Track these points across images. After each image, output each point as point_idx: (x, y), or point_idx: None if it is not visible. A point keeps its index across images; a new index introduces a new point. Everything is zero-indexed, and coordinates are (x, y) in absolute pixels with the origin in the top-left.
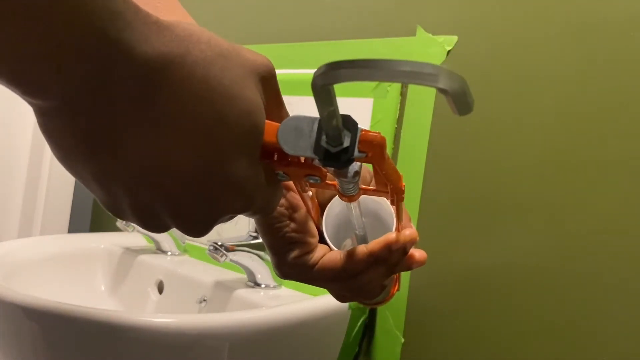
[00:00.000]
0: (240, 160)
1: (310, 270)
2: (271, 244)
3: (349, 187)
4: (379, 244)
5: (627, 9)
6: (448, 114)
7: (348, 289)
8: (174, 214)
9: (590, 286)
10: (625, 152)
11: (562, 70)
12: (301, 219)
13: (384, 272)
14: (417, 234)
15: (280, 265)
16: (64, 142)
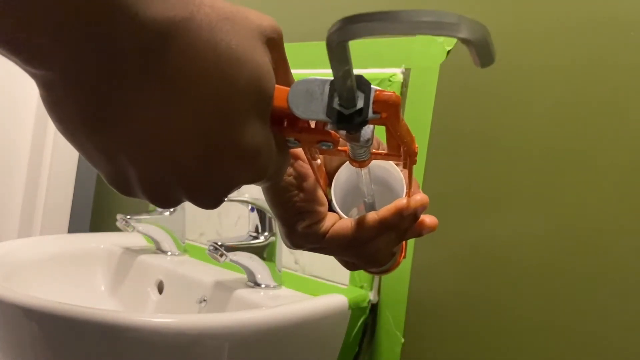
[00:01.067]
0: (251, 126)
1: (321, 239)
2: (280, 214)
3: (360, 152)
4: (390, 210)
5: (627, 9)
6: (448, 113)
7: (358, 256)
8: (186, 186)
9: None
10: (624, 148)
11: (562, 70)
12: (310, 188)
13: (395, 239)
14: (427, 199)
15: (290, 236)
16: (67, 115)
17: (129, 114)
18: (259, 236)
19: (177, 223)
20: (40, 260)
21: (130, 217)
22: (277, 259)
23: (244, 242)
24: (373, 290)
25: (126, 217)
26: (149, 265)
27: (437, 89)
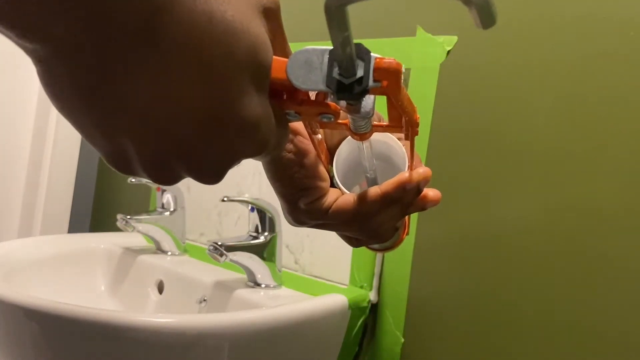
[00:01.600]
0: (249, 99)
1: (324, 215)
2: (282, 191)
3: (361, 124)
4: (392, 184)
5: (626, 9)
6: (448, 113)
7: (362, 231)
8: (186, 162)
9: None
10: (624, 139)
11: (561, 69)
12: (311, 163)
13: (398, 213)
14: (430, 172)
15: (292, 212)
16: (64, 92)
17: (125, 89)
18: (259, 236)
19: (177, 223)
20: (40, 260)
21: (130, 217)
22: (277, 259)
23: (244, 242)
24: (373, 290)
25: (126, 217)
26: (149, 265)
27: (437, 89)
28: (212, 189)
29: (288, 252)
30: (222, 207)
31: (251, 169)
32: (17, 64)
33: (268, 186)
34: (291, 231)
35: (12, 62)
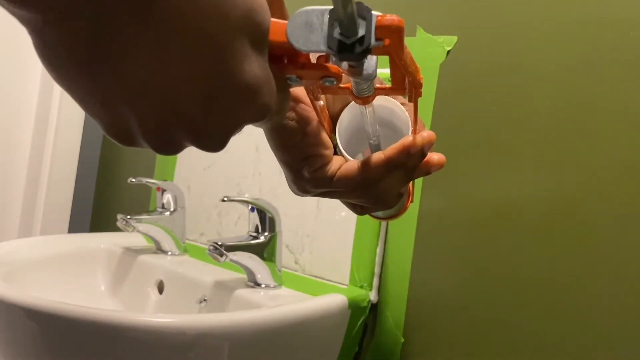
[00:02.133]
0: (249, 63)
1: (329, 183)
2: (286, 160)
3: (364, 87)
4: (396, 148)
5: (626, 9)
6: (448, 113)
7: (367, 197)
8: (189, 130)
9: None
10: (624, 146)
11: (561, 69)
12: (314, 131)
13: (403, 178)
14: (434, 135)
15: (297, 182)
16: (61, 63)
17: (122, 59)
18: (259, 236)
19: (177, 223)
20: (40, 260)
21: (130, 217)
22: (277, 258)
23: (244, 242)
24: (373, 290)
25: (126, 217)
26: (149, 265)
27: (437, 89)
28: (212, 189)
29: (288, 252)
30: (222, 207)
31: (251, 169)
32: (17, 64)
33: (268, 186)
34: (291, 231)
35: (13, 63)
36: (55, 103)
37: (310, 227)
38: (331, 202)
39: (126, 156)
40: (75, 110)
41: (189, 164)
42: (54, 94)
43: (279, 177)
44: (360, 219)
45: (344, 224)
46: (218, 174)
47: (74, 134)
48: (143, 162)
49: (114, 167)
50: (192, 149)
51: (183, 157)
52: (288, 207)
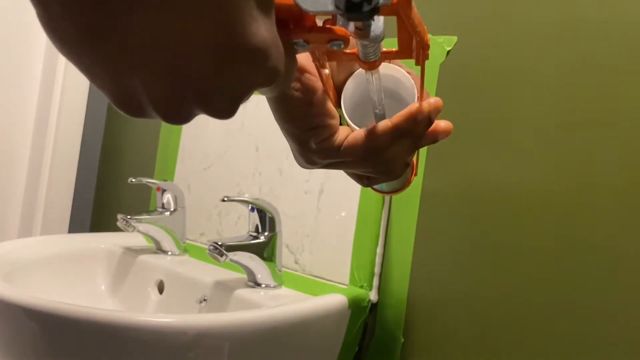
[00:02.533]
0: (255, 24)
1: (336, 153)
2: (292, 131)
3: (370, 51)
4: (403, 115)
5: (626, 9)
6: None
7: (374, 166)
8: (199, 97)
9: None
10: (624, 144)
11: (561, 69)
12: (319, 101)
13: (410, 146)
14: (441, 102)
15: (304, 153)
16: (66, 33)
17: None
18: (259, 236)
19: (177, 223)
20: (40, 260)
21: (130, 217)
22: (277, 258)
23: (244, 242)
24: (373, 290)
25: (126, 217)
26: (149, 265)
27: (437, 89)
28: (212, 189)
29: (288, 252)
30: (222, 207)
31: (251, 169)
32: (17, 64)
33: (268, 186)
34: (291, 231)
35: (13, 62)
36: (56, 103)
37: (310, 227)
38: (331, 202)
39: (126, 156)
40: (76, 110)
41: (189, 164)
42: (54, 93)
43: (279, 177)
44: (360, 218)
45: (344, 224)
46: (218, 174)
47: (74, 134)
48: (143, 162)
49: (114, 167)
50: (192, 149)
51: (183, 158)
52: (288, 207)
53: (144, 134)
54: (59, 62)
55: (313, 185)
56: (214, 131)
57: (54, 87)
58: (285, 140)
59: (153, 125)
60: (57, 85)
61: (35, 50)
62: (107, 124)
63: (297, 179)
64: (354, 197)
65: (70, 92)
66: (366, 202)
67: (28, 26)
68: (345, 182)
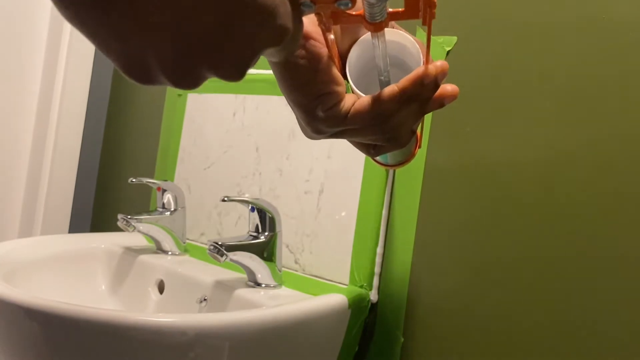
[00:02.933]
0: None
1: (343, 120)
2: (299, 100)
3: (375, 11)
4: (410, 79)
5: (626, 9)
6: (448, 113)
7: (382, 133)
8: (209, 60)
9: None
10: (625, 146)
11: (561, 70)
12: (325, 68)
13: (417, 111)
14: (447, 65)
15: (311, 123)
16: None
17: None
18: (259, 236)
19: (177, 223)
20: (41, 260)
21: (130, 217)
22: (277, 258)
23: (244, 242)
24: (373, 290)
25: (127, 217)
26: (149, 265)
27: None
28: (212, 189)
29: (288, 251)
30: (223, 207)
31: (251, 169)
32: (18, 63)
33: (268, 186)
34: (291, 231)
35: (13, 62)
36: (56, 102)
37: (310, 227)
38: (331, 202)
39: (127, 156)
40: (76, 110)
41: (189, 164)
42: (54, 93)
43: (279, 177)
44: (360, 218)
45: (344, 224)
46: (218, 174)
47: (74, 133)
48: (143, 162)
49: (115, 167)
50: (192, 149)
51: (183, 158)
52: (288, 207)
53: (144, 134)
54: (60, 61)
55: (313, 185)
56: (214, 131)
57: (54, 86)
58: (285, 140)
59: (153, 125)
60: (57, 85)
61: (36, 50)
62: (107, 123)
63: (297, 179)
64: (354, 197)
65: (71, 92)
66: (366, 202)
67: (28, 26)
68: (345, 182)
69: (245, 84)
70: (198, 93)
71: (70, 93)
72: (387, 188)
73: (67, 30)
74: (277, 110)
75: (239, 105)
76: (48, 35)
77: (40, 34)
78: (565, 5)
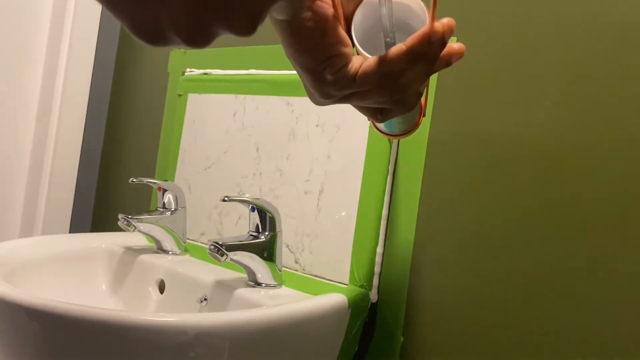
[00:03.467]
0: None
1: (352, 82)
2: (307, 64)
3: None
4: (417, 37)
5: (626, 9)
6: (447, 112)
7: (389, 95)
8: (222, 14)
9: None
10: (623, 143)
11: (561, 70)
12: (332, 29)
13: (424, 70)
14: (454, 22)
15: (320, 86)
16: None
17: None
18: (260, 236)
19: (178, 223)
20: (41, 259)
21: (131, 216)
22: (278, 258)
23: (245, 242)
24: (373, 290)
25: (127, 217)
26: (150, 265)
27: (437, 89)
28: (212, 189)
29: (288, 251)
30: (223, 207)
31: (251, 169)
32: (18, 63)
33: (268, 186)
34: (291, 231)
35: (14, 63)
36: (57, 102)
37: (310, 227)
38: (331, 202)
39: (127, 156)
40: (77, 109)
41: (189, 164)
42: (55, 93)
43: (279, 177)
44: (360, 218)
45: (344, 224)
46: (218, 174)
47: (75, 133)
48: (144, 162)
49: (115, 167)
50: (193, 150)
51: (184, 158)
52: (288, 207)
53: (144, 134)
54: (60, 62)
55: (313, 185)
56: (215, 131)
57: (54, 86)
58: (285, 140)
59: (154, 125)
60: (58, 84)
61: (36, 50)
62: (108, 124)
63: (297, 179)
64: (354, 197)
65: (71, 92)
66: (366, 202)
67: (29, 26)
68: (345, 182)
69: (245, 84)
70: (198, 93)
71: (71, 92)
72: (387, 188)
73: (68, 30)
74: (277, 110)
75: (239, 105)
76: (49, 35)
77: (41, 33)
78: (566, 4)
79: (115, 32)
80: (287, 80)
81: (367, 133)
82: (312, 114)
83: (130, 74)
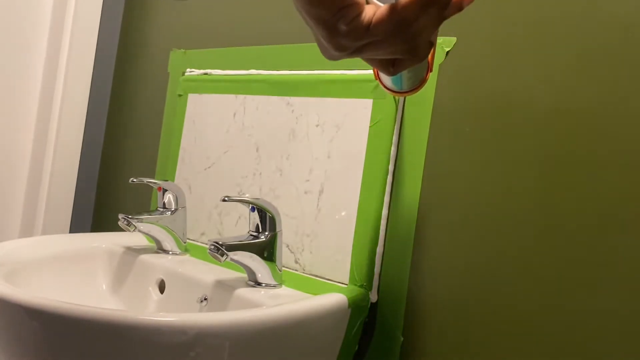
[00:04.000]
0: None
1: (366, 32)
2: (320, 15)
3: None
4: None
5: (625, 9)
6: (448, 112)
7: (401, 44)
8: None
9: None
10: (623, 143)
11: (561, 70)
12: None
13: (436, 17)
14: None
15: (333, 39)
16: None
17: None
18: (260, 236)
19: (178, 223)
20: (41, 259)
21: (131, 216)
22: (278, 258)
23: (245, 242)
24: (373, 290)
25: (127, 217)
26: (150, 265)
27: (437, 89)
28: (212, 189)
29: (288, 251)
30: (223, 207)
31: (251, 169)
32: (18, 63)
33: (268, 186)
34: (291, 231)
35: (14, 63)
36: (57, 102)
37: (310, 227)
38: (331, 202)
39: (127, 156)
40: (77, 110)
41: (189, 164)
42: (55, 93)
43: (279, 177)
44: (360, 218)
45: (344, 223)
46: (219, 174)
47: (75, 133)
48: (144, 162)
49: (116, 167)
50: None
51: (184, 158)
52: (288, 207)
53: (145, 134)
54: (61, 62)
55: (313, 185)
56: (215, 131)
57: (55, 86)
58: (285, 140)
59: (154, 125)
60: (58, 85)
61: (36, 51)
62: (108, 124)
63: (297, 179)
64: (354, 197)
65: (71, 92)
66: (366, 202)
67: (29, 26)
68: (345, 182)
69: (245, 84)
70: (198, 93)
71: (71, 93)
72: (387, 188)
73: (68, 30)
74: (277, 110)
75: (239, 105)
76: (49, 35)
77: (42, 34)
78: (566, 3)
79: (115, 33)
80: (287, 80)
81: (367, 133)
82: (312, 114)
83: (130, 74)
